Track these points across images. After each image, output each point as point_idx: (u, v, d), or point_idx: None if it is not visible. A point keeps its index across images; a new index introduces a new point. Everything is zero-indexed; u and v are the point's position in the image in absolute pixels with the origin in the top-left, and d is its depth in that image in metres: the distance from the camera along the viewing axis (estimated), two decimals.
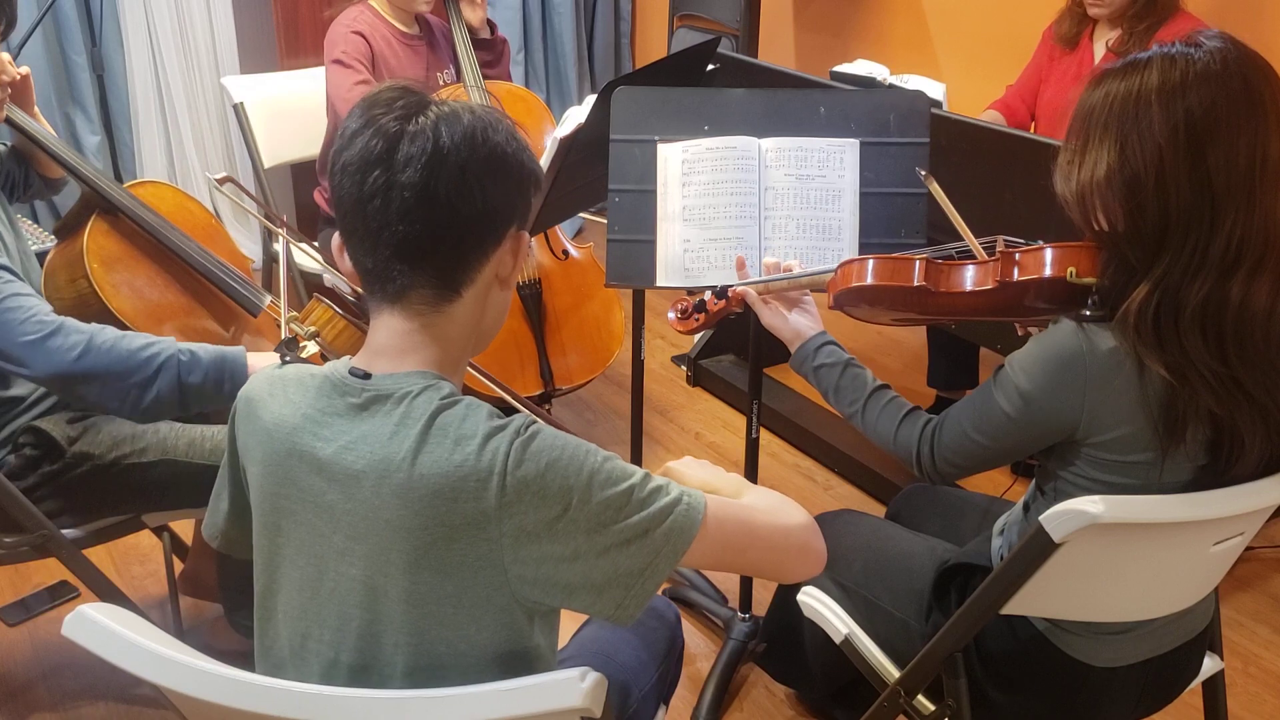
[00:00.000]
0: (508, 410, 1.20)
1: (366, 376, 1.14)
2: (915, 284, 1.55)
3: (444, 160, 1.09)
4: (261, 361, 1.87)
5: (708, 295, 1.85)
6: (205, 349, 1.84)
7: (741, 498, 1.28)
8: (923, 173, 1.63)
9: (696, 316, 1.85)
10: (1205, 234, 1.29)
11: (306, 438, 1.13)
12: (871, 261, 1.60)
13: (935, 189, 1.61)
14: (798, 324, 1.75)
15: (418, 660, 1.12)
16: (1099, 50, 2.87)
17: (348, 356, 1.18)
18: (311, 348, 1.97)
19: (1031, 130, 2.98)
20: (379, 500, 1.09)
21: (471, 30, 3.03)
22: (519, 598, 1.11)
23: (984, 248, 1.56)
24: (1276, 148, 1.29)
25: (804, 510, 1.27)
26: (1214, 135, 1.27)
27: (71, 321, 1.77)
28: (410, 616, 1.11)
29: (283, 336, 1.99)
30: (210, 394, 1.82)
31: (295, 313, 2.09)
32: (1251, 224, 1.29)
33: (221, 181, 2.30)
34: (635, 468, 1.13)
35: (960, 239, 1.59)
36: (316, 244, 2.94)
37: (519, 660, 1.14)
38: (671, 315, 1.89)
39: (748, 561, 1.25)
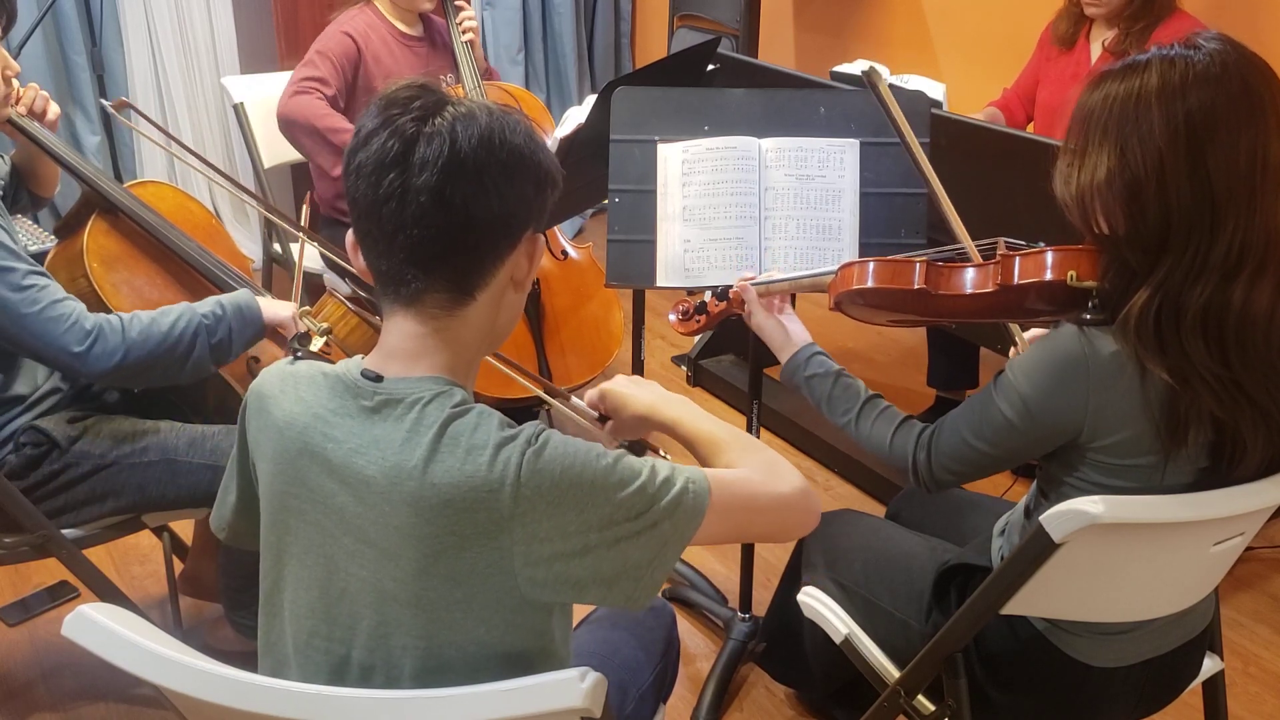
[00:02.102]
0: (515, 412, 1.20)
1: (378, 379, 1.13)
2: (915, 287, 1.54)
3: (461, 164, 1.08)
4: (271, 305, 1.99)
5: (708, 297, 1.85)
6: (221, 304, 1.94)
7: (724, 455, 1.30)
8: (867, 65, 1.62)
9: (698, 318, 1.86)
10: (1206, 237, 1.29)
11: (317, 438, 1.13)
12: (872, 264, 1.60)
13: (883, 89, 1.61)
14: (791, 330, 1.75)
15: (426, 662, 1.12)
16: (1095, 50, 2.87)
17: (359, 356, 1.18)
18: (322, 343, 1.98)
19: (1029, 130, 2.98)
20: (390, 507, 1.09)
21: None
22: (529, 598, 1.11)
23: (985, 250, 1.56)
24: (1277, 150, 1.28)
25: (790, 467, 1.29)
26: (1214, 137, 1.27)
27: (108, 322, 1.83)
28: (418, 621, 1.11)
29: (297, 330, 2.00)
30: (236, 344, 1.95)
31: (308, 308, 2.09)
32: (1253, 227, 1.29)
33: (118, 106, 2.32)
34: (642, 462, 1.13)
35: (960, 241, 1.59)
36: (317, 243, 2.94)
37: (530, 657, 1.14)
38: (673, 317, 1.89)
39: (749, 533, 1.32)
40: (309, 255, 2.62)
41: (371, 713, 1.04)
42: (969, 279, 1.52)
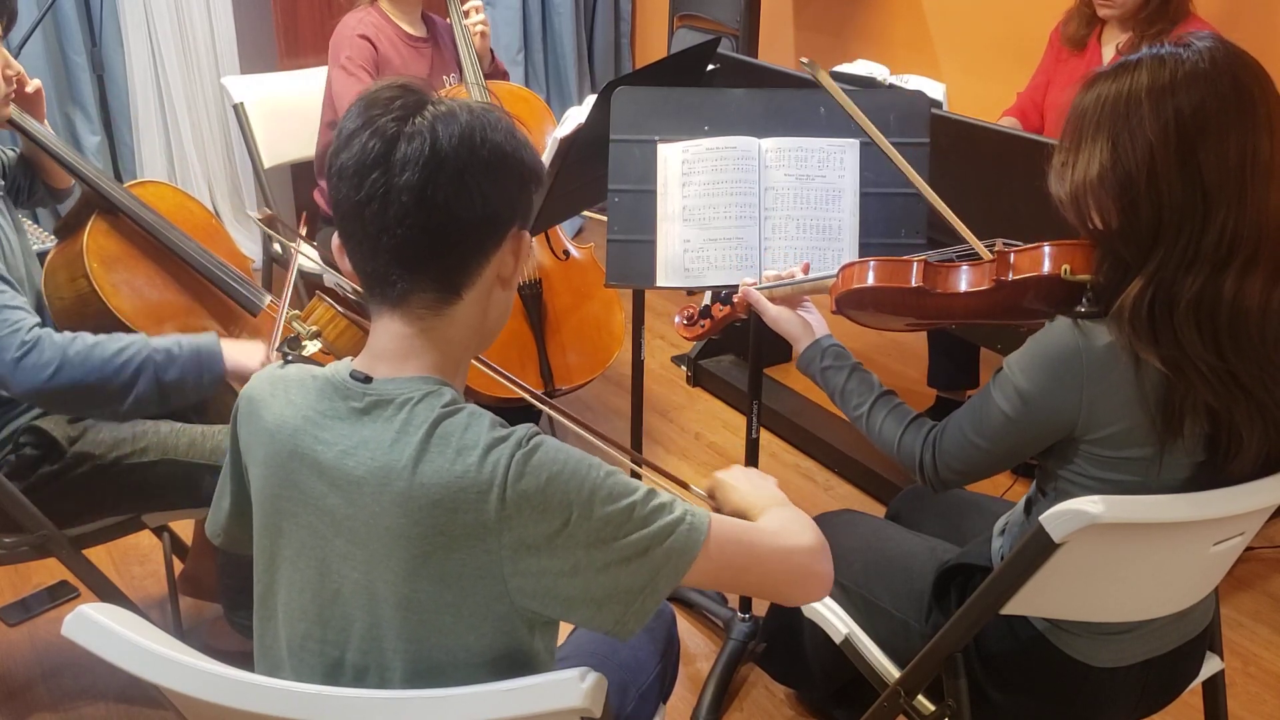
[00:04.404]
0: (514, 412, 1.20)
1: (368, 380, 1.13)
2: (913, 285, 1.55)
3: (442, 163, 1.07)
4: (236, 351, 1.88)
5: (711, 300, 1.85)
6: (179, 343, 1.83)
7: (762, 515, 1.29)
8: (805, 60, 1.62)
9: (702, 323, 1.86)
10: (1197, 229, 1.30)
11: (308, 440, 1.13)
12: (872, 264, 1.61)
13: (825, 79, 1.61)
14: (810, 321, 1.75)
15: (416, 665, 1.12)
16: (1108, 53, 2.82)
17: (349, 358, 1.18)
18: (313, 346, 1.97)
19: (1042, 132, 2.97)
20: (379, 507, 1.08)
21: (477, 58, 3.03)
22: (519, 608, 1.10)
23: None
24: (1267, 144, 1.30)
25: (816, 533, 1.26)
26: (1204, 133, 1.28)
27: (49, 336, 1.75)
28: (408, 623, 1.10)
29: (283, 335, 1.99)
30: (190, 388, 1.83)
31: (297, 311, 2.09)
32: (1243, 219, 1.30)
33: (265, 220, 2.28)
34: (638, 483, 1.12)
35: (961, 241, 1.59)
36: (316, 243, 2.94)
37: (517, 666, 1.14)
38: (678, 320, 1.90)
39: (747, 583, 1.27)
40: (310, 257, 2.62)
41: (370, 713, 1.04)
42: (965, 277, 1.53)
